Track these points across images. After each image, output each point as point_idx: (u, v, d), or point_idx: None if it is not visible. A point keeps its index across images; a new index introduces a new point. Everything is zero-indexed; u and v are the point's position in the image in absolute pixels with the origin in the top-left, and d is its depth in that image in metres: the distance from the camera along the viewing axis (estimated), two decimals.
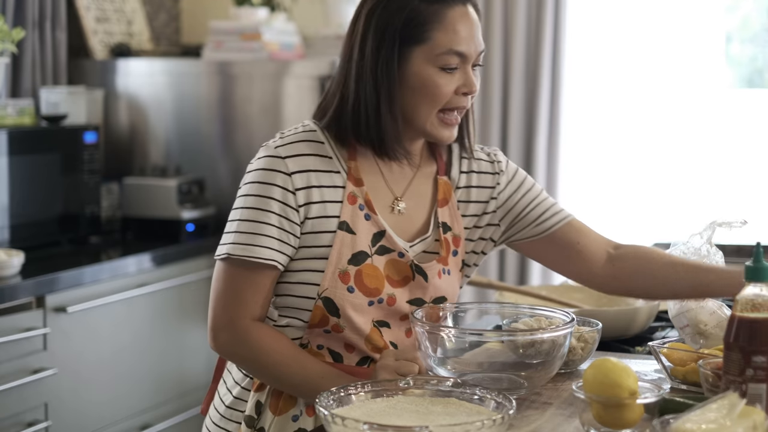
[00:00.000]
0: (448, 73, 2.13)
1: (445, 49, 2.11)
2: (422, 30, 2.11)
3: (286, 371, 2.10)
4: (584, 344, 2.26)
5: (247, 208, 2.12)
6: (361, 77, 2.14)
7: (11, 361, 3.50)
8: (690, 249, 2.32)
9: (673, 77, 5.12)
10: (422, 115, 2.14)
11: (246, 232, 2.11)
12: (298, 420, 2.15)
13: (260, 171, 2.13)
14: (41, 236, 4.05)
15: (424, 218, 2.26)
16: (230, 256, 2.11)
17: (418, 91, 2.13)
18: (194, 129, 4.66)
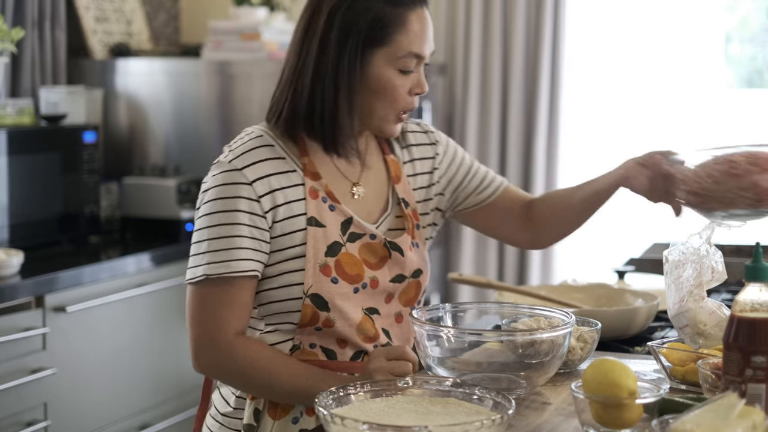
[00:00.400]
0: (404, 75, 2.16)
1: (405, 52, 2.15)
2: (386, 33, 2.13)
3: (276, 379, 2.10)
4: (583, 344, 2.26)
5: (215, 225, 2.11)
6: (319, 73, 2.15)
7: (10, 360, 3.50)
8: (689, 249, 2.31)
9: (672, 77, 5.13)
10: (379, 114, 2.18)
11: (220, 249, 2.10)
12: (299, 422, 2.15)
13: (220, 187, 2.13)
14: (41, 236, 4.05)
15: (382, 198, 2.29)
16: (208, 277, 2.10)
17: (378, 92, 2.16)
18: (194, 129, 4.66)
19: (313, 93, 2.16)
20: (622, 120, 5.21)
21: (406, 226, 2.28)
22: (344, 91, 2.14)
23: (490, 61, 5.24)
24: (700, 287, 2.25)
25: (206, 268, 2.10)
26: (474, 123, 5.28)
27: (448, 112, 5.37)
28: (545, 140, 5.19)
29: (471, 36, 5.23)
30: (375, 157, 2.32)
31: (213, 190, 2.14)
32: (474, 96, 5.27)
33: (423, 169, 2.37)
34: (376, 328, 2.21)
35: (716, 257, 2.28)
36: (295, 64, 2.19)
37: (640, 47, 5.14)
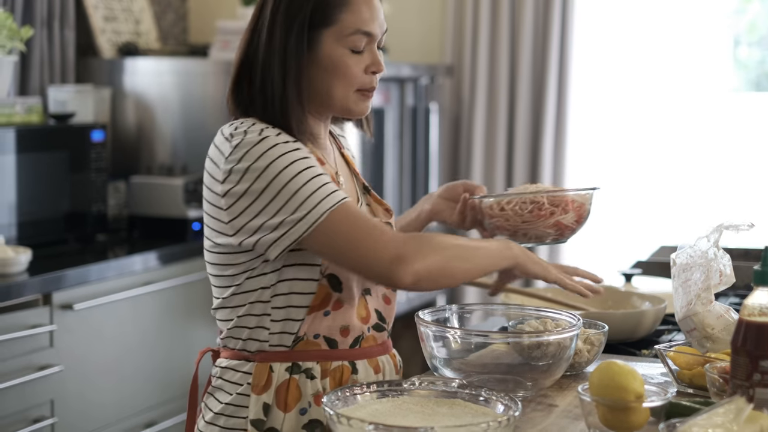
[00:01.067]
0: (356, 53, 2.20)
1: (353, 30, 2.18)
2: (330, 13, 2.17)
3: (463, 242, 2.15)
4: (590, 347, 2.26)
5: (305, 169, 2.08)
6: (267, 60, 2.17)
7: (17, 357, 3.51)
8: (697, 252, 2.31)
9: (680, 80, 5.13)
10: (338, 94, 2.21)
11: (326, 183, 2.09)
12: (307, 412, 2.16)
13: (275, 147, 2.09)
14: (48, 234, 4.05)
15: (353, 188, 2.33)
16: (343, 200, 2.08)
17: (331, 72, 2.19)
18: (201, 128, 4.66)
19: (263, 81, 2.18)
20: (630, 122, 5.21)
21: (379, 211, 2.33)
22: (292, 74, 2.16)
23: (498, 62, 5.24)
24: (708, 291, 2.25)
25: (335, 195, 2.08)
26: (481, 124, 5.28)
27: (455, 114, 5.37)
28: (552, 142, 5.19)
29: (478, 37, 5.23)
30: (336, 152, 2.36)
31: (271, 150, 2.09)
32: (481, 97, 5.27)
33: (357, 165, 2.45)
34: (368, 309, 2.24)
35: (724, 261, 2.28)
36: (246, 52, 2.21)
37: (648, 50, 5.14)
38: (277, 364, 2.17)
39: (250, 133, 2.11)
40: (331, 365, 2.19)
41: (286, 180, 2.07)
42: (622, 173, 5.24)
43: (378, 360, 2.25)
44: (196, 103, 4.66)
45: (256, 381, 2.17)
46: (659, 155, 5.19)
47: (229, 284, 2.20)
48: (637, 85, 5.18)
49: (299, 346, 2.18)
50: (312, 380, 2.17)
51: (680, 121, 5.16)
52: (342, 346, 2.20)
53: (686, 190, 5.17)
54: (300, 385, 2.17)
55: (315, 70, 2.19)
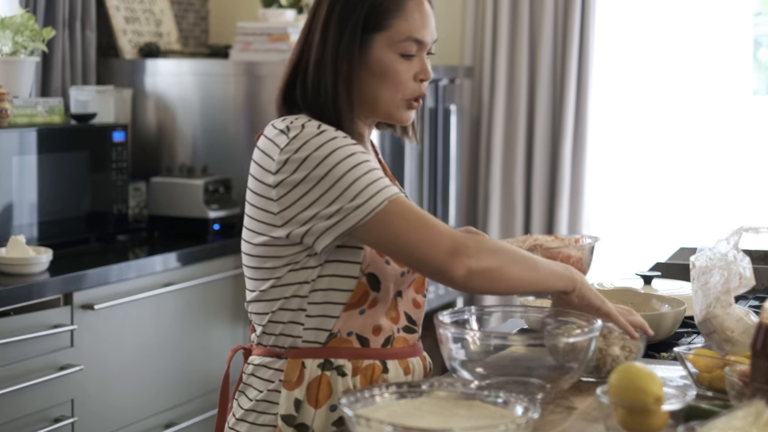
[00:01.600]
0: (406, 60, 2.22)
1: (405, 36, 2.20)
2: (384, 18, 2.20)
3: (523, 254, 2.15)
4: (628, 353, 2.23)
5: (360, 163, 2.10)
6: (321, 61, 2.20)
7: (39, 357, 3.52)
8: (716, 254, 2.31)
9: (700, 82, 5.11)
10: (385, 99, 2.23)
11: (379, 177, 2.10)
12: (337, 409, 2.17)
13: (333, 140, 2.12)
14: (69, 234, 4.07)
15: None
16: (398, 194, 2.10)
17: (380, 77, 2.21)
18: (221, 129, 4.67)
19: (316, 82, 2.20)
20: (649, 124, 5.20)
21: None
22: (342, 76, 2.19)
23: (517, 64, 5.23)
24: (728, 293, 2.25)
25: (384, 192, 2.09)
26: (500, 126, 5.28)
27: (474, 116, 5.37)
28: (571, 144, 5.18)
29: (498, 39, 5.23)
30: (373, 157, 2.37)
31: (331, 141, 2.11)
32: (501, 99, 5.27)
33: None
34: (398, 310, 2.25)
35: (744, 263, 2.27)
36: (300, 53, 2.25)
37: (668, 52, 5.13)
38: (310, 360, 2.18)
39: (308, 126, 2.15)
40: (362, 363, 2.20)
41: (345, 170, 2.09)
42: (642, 175, 5.23)
43: (408, 361, 2.27)
44: (217, 104, 4.67)
45: (288, 377, 2.19)
46: (679, 157, 5.17)
47: (269, 277, 2.20)
48: (657, 86, 5.17)
49: (332, 343, 2.19)
50: (343, 377, 2.18)
51: (700, 123, 5.15)
52: (374, 345, 2.22)
53: (706, 192, 5.16)
54: (331, 382, 2.18)
55: (365, 74, 2.21)
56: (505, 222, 5.34)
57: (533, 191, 5.27)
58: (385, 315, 2.22)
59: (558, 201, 5.20)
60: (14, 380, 3.44)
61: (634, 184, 5.23)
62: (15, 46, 4.02)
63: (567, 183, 5.18)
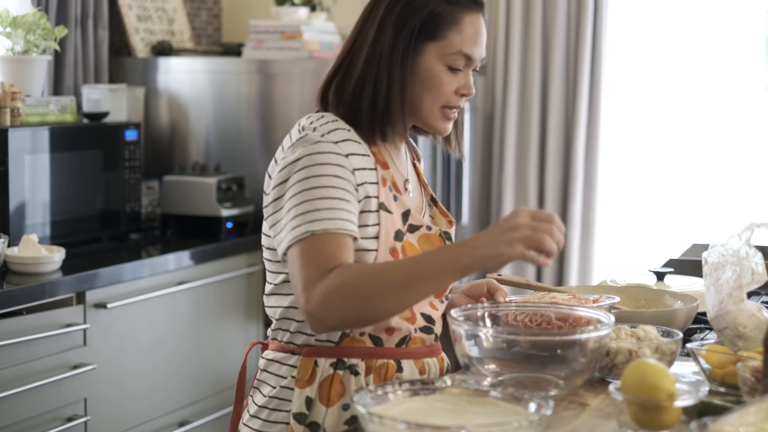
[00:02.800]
0: (453, 72, 2.23)
1: (456, 50, 2.22)
2: (439, 28, 2.21)
3: (388, 277, 2.05)
4: (661, 356, 2.22)
5: (320, 187, 2.09)
6: (372, 60, 2.21)
7: (51, 356, 3.53)
8: (728, 250, 2.30)
9: (713, 79, 5.11)
10: (426, 107, 2.25)
11: (325, 208, 2.08)
12: (350, 408, 2.17)
13: (318, 155, 2.12)
14: (82, 233, 4.07)
15: (419, 197, 2.36)
16: (314, 234, 2.06)
17: (426, 85, 2.23)
18: (234, 127, 4.68)
19: (363, 79, 2.22)
20: (662, 120, 5.19)
21: (443, 223, 2.36)
22: (397, 80, 2.21)
23: (531, 61, 5.23)
24: (740, 289, 2.24)
25: (309, 225, 2.07)
26: (513, 123, 5.28)
27: (488, 113, 5.37)
28: (584, 141, 5.18)
29: (511, 36, 5.23)
30: (410, 161, 2.39)
31: (308, 157, 2.12)
32: (514, 96, 5.26)
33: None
34: (413, 311, 2.24)
35: (756, 259, 2.27)
36: (350, 49, 2.26)
37: (680, 48, 5.12)
38: (322, 359, 2.19)
39: (315, 132, 2.17)
40: (376, 362, 2.20)
41: (302, 188, 2.10)
42: (655, 171, 5.22)
43: (424, 362, 2.27)
44: (230, 103, 4.68)
45: (300, 375, 2.19)
46: (692, 153, 5.16)
47: (282, 270, 2.22)
48: (670, 83, 5.16)
49: (345, 342, 2.20)
50: (356, 376, 2.18)
51: (713, 120, 5.14)
52: (387, 344, 2.22)
53: (719, 189, 5.15)
54: (344, 381, 2.18)
55: (411, 79, 2.22)
56: None
57: (546, 188, 5.27)
58: (400, 315, 2.22)
59: (571, 198, 5.19)
60: (27, 379, 3.45)
61: (647, 180, 5.23)
62: (27, 45, 4.03)
63: (580, 180, 5.18)
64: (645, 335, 2.24)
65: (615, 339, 2.21)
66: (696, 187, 5.17)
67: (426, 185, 2.41)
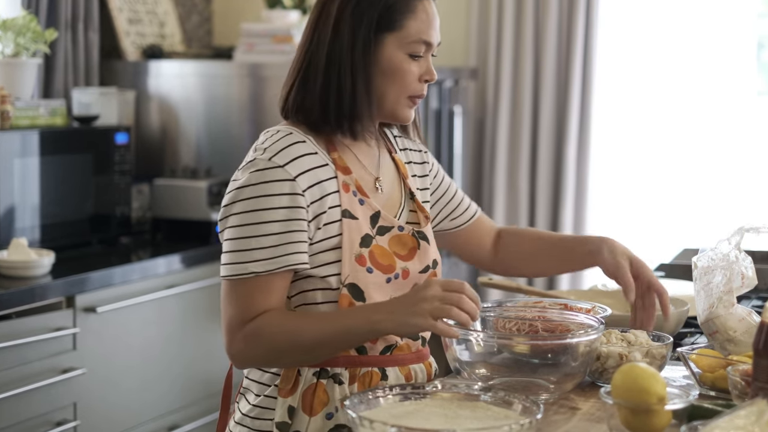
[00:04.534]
0: (414, 60, 2.23)
1: (416, 38, 2.22)
2: (396, 18, 2.21)
3: (303, 334, 2.09)
4: (651, 360, 2.22)
5: (264, 223, 2.10)
6: (333, 59, 2.21)
7: (41, 360, 3.52)
8: (718, 255, 2.31)
9: (703, 83, 5.11)
10: (391, 98, 2.24)
11: (271, 245, 2.09)
12: (334, 417, 2.16)
13: (263, 185, 2.13)
14: (72, 236, 4.07)
15: (397, 192, 2.34)
16: (258, 275, 2.10)
17: (389, 76, 2.23)
18: (225, 131, 4.67)
19: (327, 80, 2.21)
20: (653, 124, 5.20)
21: (421, 219, 2.33)
22: (361, 75, 2.20)
23: (522, 65, 5.23)
24: (730, 293, 2.25)
25: (247, 266, 2.09)
26: (505, 128, 5.28)
27: (479, 117, 5.37)
28: (576, 145, 5.18)
29: (503, 40, 5.23)
30: (386, 155, 2.37)
31: (254, 187, 2.13)
32: (505, 100, 5.26)
33: (420, 172, 2.43)
34: None
35: (746, 263, 2.27)
36: (305, 54, 2.25)
37: (671, 53, 5.12)
38: (305, 368, 2.18)
39: (265, 153, 2.18)
40: (359, 371, 2.18)
41: (239, 222, 2.12)
42: (646, 176, 5.22)
43: (410, 368, 2.25)
44: (221, 106, 4.67)
45: (283, 384, 2.18)
46: (682, 158, 5.17)
47: None
48: (661, 88, 5.17)
49: None
50: (340, 385, 2.17)
51: (704, 124, 5.14)
52: (371, 353, 2.20)
53: (709, 193, 5.15)
54: (327, 390, 2.17)
55: (374, 73, 2.22)
56: (510, 224, 5.33)
57: (537, 193, 5.27)
58: None
59: (562, 202, 5.19)
60: (16, 384, 3.44)
61: (638, 185, 5.23)
62: (17, 48, 4.02)
63: (571, 184, 5.18)
64: (635, 339, 2.24)
65: (605, 343, 2.21)
66: (687, 192, 5.17)
67: (406, 177, 2.37)
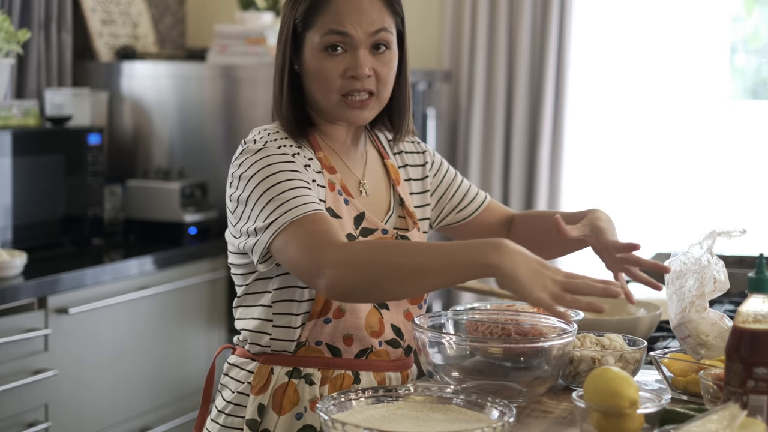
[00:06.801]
0: (331, 54, 2.16)
1: (326, 30, 2.15)
2: (310, 15, 2.17)
3: (405, 250, 1.97)
4: (624, 364, 2.22)
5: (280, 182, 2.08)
6: (278, 68, 2.23)
7: (12, 361, 3.50)
8: (690, 259, 2.31)
9: (677, 87, 5.13)
10: (322, 99, 2.19)
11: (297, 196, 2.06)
12: (303, 417, 2.16)
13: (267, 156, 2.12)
14: (44, 237, 4.05)
15: (385, 198, 2.32)
16: (295, 220, 2.03)
17: (312, 76, 2.18)
18: (198, 132, 4.66)
19: (274, 84, 2.23)
20: (626, 128, 5.21)
21: (410, 225, 2.32)
22: (280, 78, 2.21)
23: (495, 68, 5.24)
24: (702, 298, 2.25)
25: (291, 212, 2.03)
26: (478, 130, 5.28)
27: (452, 120, 5.38)
28: (549, 148, 5.19)
29: (476, 43, 5.23)
30: (375, 160, 2.36)
31: (257, 162, 2.11)
32: (478, 103, 5.27)
33: (416, 176, 2.41)
34: (382, 323, 2.23)
35: (718, 267, 2.28)
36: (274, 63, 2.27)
37: (645, 57, 5.14)
38: (278, 367, 2.18)
39: (255, 142, 2.16)
40: (332, 373, 2.19)
41: (263, 190, 2.08)
42: (619, 179, 5.24)
43: (385, 375, 2.24)
44: (194, 107, 4.66)
45: (255, 381, 2.19)
46: (655, 162, 5.18)
47: (242, 283, 2.24)
48: (634, 91, 5.18)
49: (301, 352, 2.19)
50: (311, 386, 2.17)
51: (676, 128, 5.16)
52: (346, 355, 2.20)
53: (682, 197, 5.17)
54: (298, 390, 2.17)
55: (305, 77, 2.21)
56: None
57: (511, 195, 5.27)
58: (364, 327, 2.20)
59: (535, 205, 5.20)
60: None
61: (611, 188, 5.24)
62: None
63: (544, 187, 5.19)
64: (610, 343, 2.25)
65: (579, 347, 2.21)
66: (659, 196, 5.19)
67: (397, 183, 2.35)
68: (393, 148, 2.40)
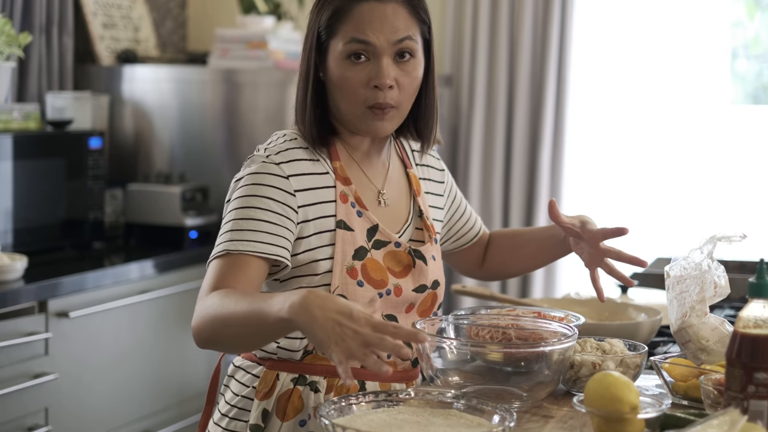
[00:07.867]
0: (354, 63, 2.14)
1: (349, 38, 2.13)
2: (333, 24, 2.15)
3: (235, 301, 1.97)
4: (625, 369, 2.22)
5: (244, 207, 2.10)
6: (300, 72, 2.21)
7: (12, 365, 3.50)
8: (690, 264, 2.31)
9: (678, 92, 5.13)
10: (345, 110, 2.18)
11: (244, 229, 2.08)
12: (306, 424, 2.16)
13: (256, 175, 2.13)
14: (44, 241, 4.05)
15: (404, 209, 2.31)
16: (229, 252, 2.07)
17: (336, 86, 2.17)
18: (199, 136, 4.66)
19: (297, 91, 2.22)
20: (628, 133, 5.21)
21: (426, 237, 2.30)
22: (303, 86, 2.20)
23: (496, 73, 5.24)
24: (703, 303, 2.25)
25: (227, 244, 2.08)
26: (479, 135, 5.28)
27: (453, 124, 5.38)
28: (550, 153, 5.19)
29: (477, 47, 5.24)
30: (398, 169, 2.35)
31: (248, 177, 2.13)
32: (479, 108, 5.27)
33: (436, 191, 2.42)
34: None
35: (719, 272, 2.28)
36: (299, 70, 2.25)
37: (646, 62, 5.14)
38: (284, 374, 2.18)
39: (265, 151, 2.17)
40: (338, 381, 2.18)
41: (235, 214, 2.11)
42: (619, 184, 5.24)
43: (391, 386, 2.24)
44: (195, 111, 4.66)
45: (260, 386, 2.18)
46: (656, 167, 5.19)
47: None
48: (635, 96, 5.18)
49: (308, 359, 2.19)
50: (316, 393, 2.17)
51: (677, 133, 5.16)
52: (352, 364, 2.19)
53: (683, 202, 5.17)
54: (303, 397, 2.17)
55: (328, 84, 2.19)
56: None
57: (512, 200, 5.27)
58: None
59: (536, 210, 5.20)
60: None
61: (612, 193, 5.24)
62: None
63: (545, 192, 5.19)
64: (611, 348, 2.25)
65: (580, 352, 2.21)
66: (660, 201, 5.19)
67: (418, 194, 2.34)
68: (417, 159, 2.40)
